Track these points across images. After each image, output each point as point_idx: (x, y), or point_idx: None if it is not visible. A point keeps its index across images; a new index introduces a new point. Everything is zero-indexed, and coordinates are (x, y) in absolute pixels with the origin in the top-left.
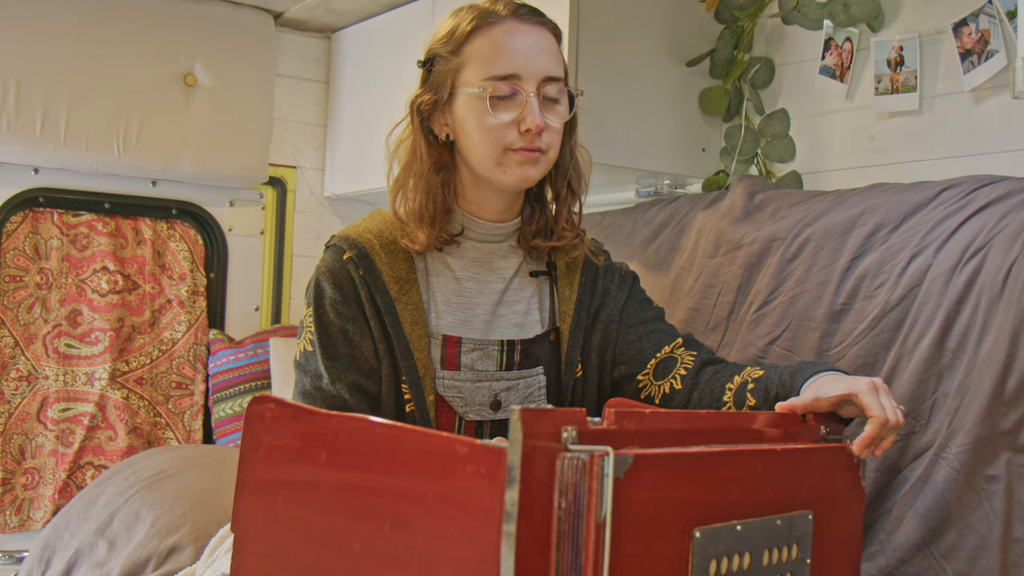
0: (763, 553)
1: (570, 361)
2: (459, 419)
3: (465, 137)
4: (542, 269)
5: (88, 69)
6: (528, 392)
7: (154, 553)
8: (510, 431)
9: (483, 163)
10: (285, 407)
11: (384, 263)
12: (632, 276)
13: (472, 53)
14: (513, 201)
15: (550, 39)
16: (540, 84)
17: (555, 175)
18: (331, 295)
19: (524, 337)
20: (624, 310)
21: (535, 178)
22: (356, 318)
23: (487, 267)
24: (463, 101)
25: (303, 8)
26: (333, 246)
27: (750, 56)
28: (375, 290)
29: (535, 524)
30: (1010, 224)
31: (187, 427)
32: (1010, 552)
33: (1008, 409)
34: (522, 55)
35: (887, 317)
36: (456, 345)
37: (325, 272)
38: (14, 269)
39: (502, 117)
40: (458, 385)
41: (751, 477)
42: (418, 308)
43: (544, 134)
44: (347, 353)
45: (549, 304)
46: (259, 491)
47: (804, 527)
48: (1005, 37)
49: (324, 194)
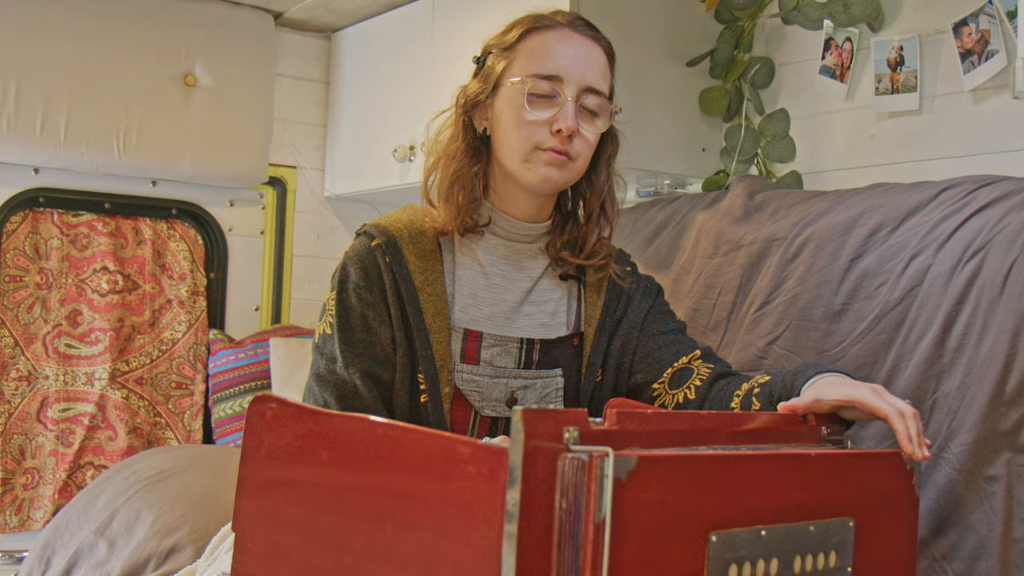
0: (794, 559)
1: (591, 366)
2: (475, 414)
3: (500, 130)
4: (572, 273)
5: (88, 69)
6: (545, 392)
7: (154, 553)
8: (512, 431)
9: (512, 157)
10: (286, 407)
11: (412, 252)
12: (657, 288)
13: (523, 50)
14: (542, 205)
15: (600, 54)
16: (580, 92)
17: (590, 194)
18: (355, 280)
19: (546, 337)
20: (646, 319)
21: (558, 181)
22: (377, 304)
23: (515, 265)
24: (504, 94)
25: (303, 8)
26: (364, 233)
27: (750, 56)
28: (400, 278)
29: (536, 524)
30: (1010, 224)
31: (187, 427)
32: (1010, 552)
33: (1008, 409)
34: (568, 60)
35: (887, 317)
36: (477, 339)
37: (353, 257)
38: (14, 269)
39: (538, 114)
40: (476, 379)
41: (777, 481)
42: (441, 300)
43: (575, 140)
44: (364, 339)
45: (576, 308)
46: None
47: (843, 534)
48: (1005, 37)
49: (324, 194)
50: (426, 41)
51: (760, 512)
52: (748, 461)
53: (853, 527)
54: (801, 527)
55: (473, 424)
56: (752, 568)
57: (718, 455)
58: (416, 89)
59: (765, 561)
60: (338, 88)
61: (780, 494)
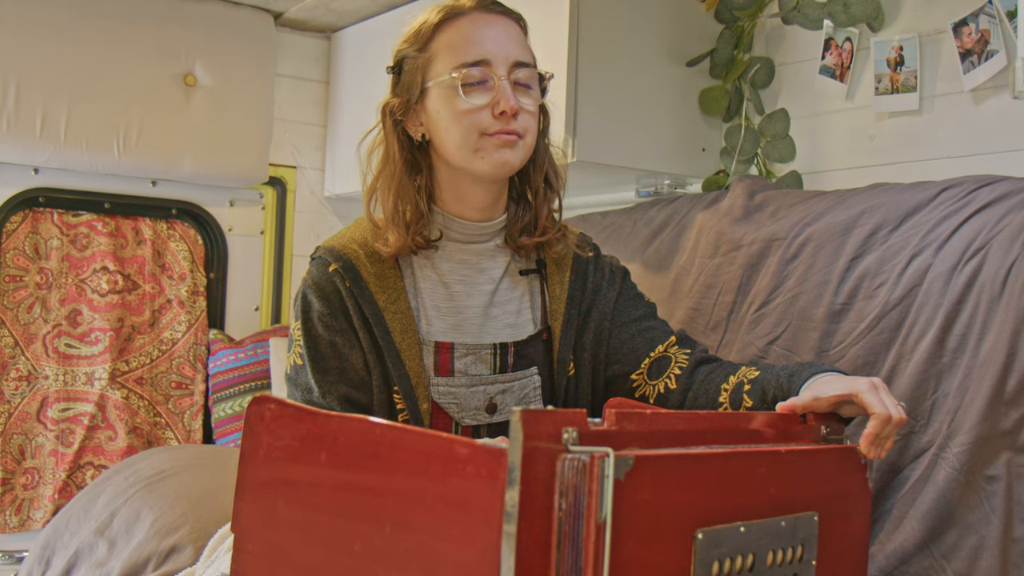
0: (767, 554)
1: (562, 360)
2: (455, 425)
3: (440, 130)
4: (532, 268)
5: (88, 69)
6: (524, 393)
7: (154, 553)
8: (511, 432)
9: (460, 152)
10: (285, 407)
11: (370, 272)
12: (623, 271)
13: (440, 46)
14: (496, 197)
15: (516, 29)
16: (510, 68)
17: (532, 171)
18: (318, 308)
19: (517, 339)
20: (616, 307)
21: (514, 162)
22: (344, 330)
23: (474, 269)
24: (435, 94)
25: (303, 8)
26: (318, 258)
27: (750, 56)
28: (362, 300)
29: (536, 525)
30: (1010, 224)
31: (187, 427)
32: (1010, 552)
33: (1008, 409)
34: (491, 42)
35: (887, 317)
36: (449, 351)
37: (311, 285)
38: (14, 269)
39: (474, 101)
40: (453, 391)
41: (754, 478)
42: (407, 316)
43: (520, 117)
44: (337, 366)
45: (540, 303)
46: (259, 491)
47: (809, 528)
48: (1005, 37)
49: (324, 194)
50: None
51: (740, 509)
52: (728, 459)
53: (817, 521)
54: (774, 522)
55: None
56: (732, 564)
57: (702, 453)
58: None
59: (743, 557)
60: (338, 88)
61: (757, 491)
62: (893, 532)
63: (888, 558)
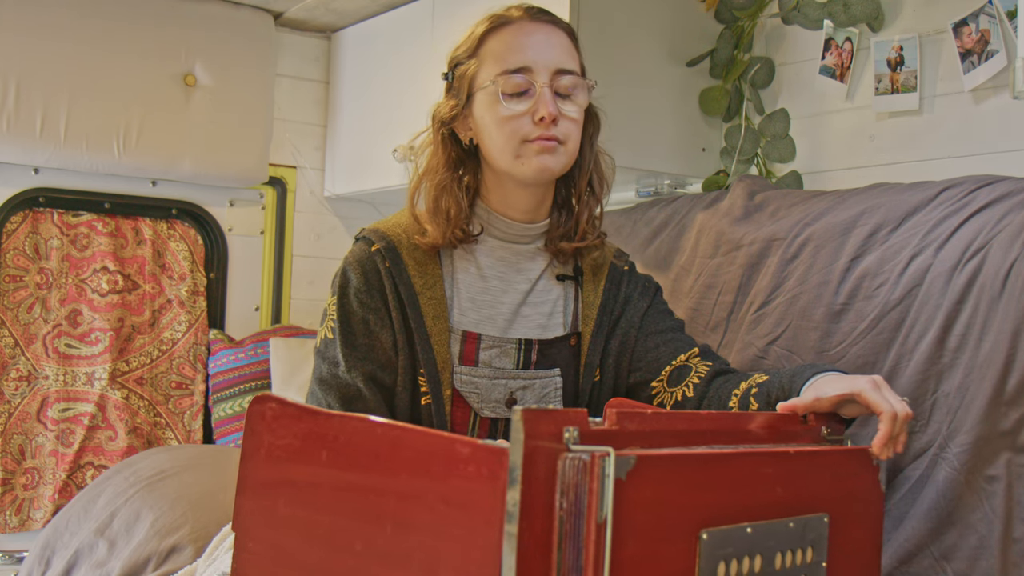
0: (775, 556)
1: (589, 365)
2: (474, 415)
3: (485, 136)
4: (569, 273)
5: (88, 69)
6: (544, 392)
7: (154, 553)
8: (512, 431)
9: (502, 157)
10: (286, 407)
11: (411, 257)
12: (656, 287)
13: (487, 53)
14: (540, 201)
15: (563, 36)
16: (552, 76)
17: (577, 176)
18: (356, 284)
19: (543, 337)
20: (644, 318)
21: (554, 168)
22: (378, 309)
23: (513, 267)
24: (480, 100)
25: (303, 8)
26: (363, 238)
27: (750, 56)
28: (400, 283)
29: (537, 524)
30: (1010, 224)
31: (187, 427)
32: (1010, 552)
33: (1008, 409)
34: (533, 50)
35: (887, 317)
36: (475, 341)
37: (353, 262)
38: (14, 269)
39: (515, 108)
40: (475, 381)
41: (761, 479)
42: (441, 303)
43: (560, 123)
44: (366, 343)
45: (573, 308)
46: (260, 491)
47: (819, 530)
48: (1005, 37)
49: (324, 194)
50: (426, 41)
51: (746, 509)
52: (734, 459)
53: (827, 523)
54: (782, 524)
55: (473, 425)
56: (739, 565)
57: (707, 453)
58: (416, 89)
59: (750, 558)
60: (338, 88)
61: (763, 491)
62: (893, 532)
63: (888, 558)
